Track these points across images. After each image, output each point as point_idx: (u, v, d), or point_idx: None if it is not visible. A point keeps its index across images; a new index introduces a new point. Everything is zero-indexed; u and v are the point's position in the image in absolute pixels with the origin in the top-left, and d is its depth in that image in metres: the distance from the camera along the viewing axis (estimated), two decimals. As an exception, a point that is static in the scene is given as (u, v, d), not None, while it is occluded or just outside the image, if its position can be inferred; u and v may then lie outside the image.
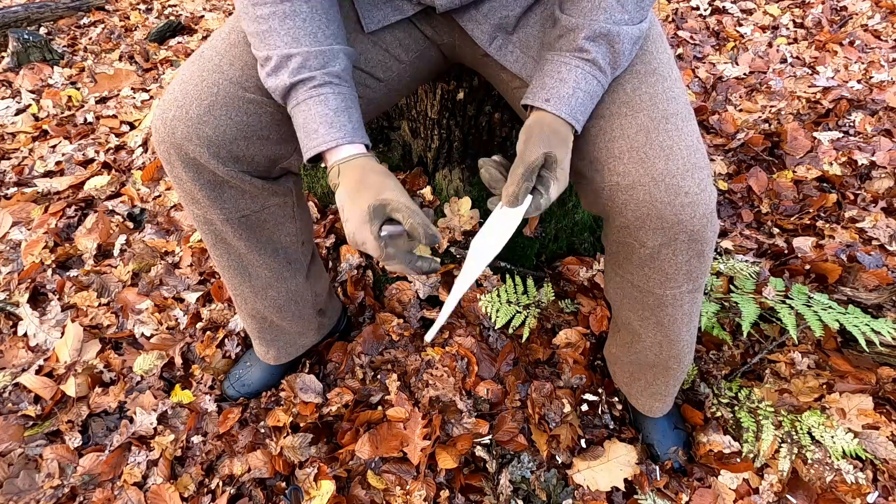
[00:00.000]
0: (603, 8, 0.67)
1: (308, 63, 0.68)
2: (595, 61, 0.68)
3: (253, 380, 1.19)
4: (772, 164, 1.72)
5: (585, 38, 0.68)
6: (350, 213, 0.65)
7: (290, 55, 0.68)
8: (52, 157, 1.91)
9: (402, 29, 0.82)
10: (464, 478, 1.04)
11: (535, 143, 0.66)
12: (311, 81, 0.68)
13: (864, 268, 1.28)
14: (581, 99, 0.69)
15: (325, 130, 0.68)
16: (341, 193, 0.67)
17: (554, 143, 0.67)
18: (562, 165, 0.66)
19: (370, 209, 0.64)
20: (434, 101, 1.10)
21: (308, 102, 0.68)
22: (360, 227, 0.64)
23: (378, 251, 0.64)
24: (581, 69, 0.68)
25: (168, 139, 0.76)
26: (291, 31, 0.68)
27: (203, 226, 0.87)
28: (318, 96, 0.68)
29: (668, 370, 0.96)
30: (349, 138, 0.68)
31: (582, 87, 0.68)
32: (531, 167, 0.64)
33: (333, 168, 0.69)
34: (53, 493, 1.06)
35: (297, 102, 0.69)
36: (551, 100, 0.69)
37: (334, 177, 0.69)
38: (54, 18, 2.87)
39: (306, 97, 0.68)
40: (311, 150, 0.69)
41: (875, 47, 2.31)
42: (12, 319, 1.37)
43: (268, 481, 1.08)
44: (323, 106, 0.68)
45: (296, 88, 0.69)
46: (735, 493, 1.01)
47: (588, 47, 0.68)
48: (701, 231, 0.72)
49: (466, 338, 1.22)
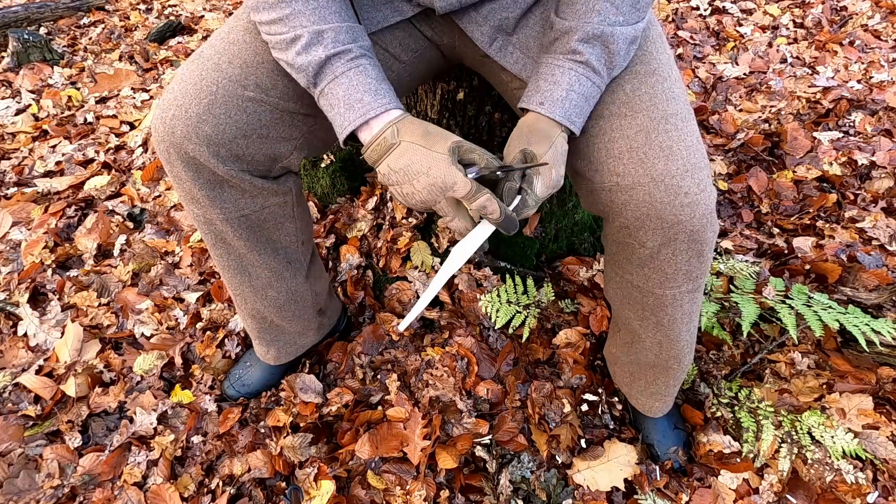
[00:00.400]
0: (597, 10, 0.67)
1: (340, 37, 0.68)
2: (589, 63, 0.68)
3: (253, 380, 1.19)
4: (772, 164, 1.72)
5: (578, 40, 0.68)
6: (430, 162, 0.64)
7: (322, 30, 0.67)
8: (52, 157, 1.91)
9: (402, 29, 0.82)
10: (464, 478, 1.04)
11: (514, 145, 0.68)
12: (348, 54, 0.68)
13: (864, 268, 1.28)
14: (575, 101, 0.69)
15: (371, 98, 0.67)
16: (406, 150, 0.65)
17: (533, 140, 0.67)
18: (542, 160, 0.66)
19: (451, 150, 0.64)
20: (434, 101, 1.10)
21: (348, 74, 0.68)
22: (448, 169, 0.63)
23: (469, 185, 0.63)
24: (575, 71, 0.69)
25: (168, 138, 0.76)
26: (317, 10, 0.68)
27: (203, 225, 0.87)
28: (358, 67, 0.68)
29: (668, 370, 0.96)
30: (395, 104, 0.68)
31: (576, 89, 0.69)
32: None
33: (388, 129, 0.66)
34: (53, 493, 1.06)
35: (336, 76, 0.68)
36: (545, 103, 0.69)
37: (391, 137, 0.66)
38: (54, 18, 2.87)
39: (345, 69, 0.68)
40: (354, 122, 0.67)
41: (875, 47, 2.31)
42: (12, 319, 1.37)
43: (268, 481, 1.08)
44: (364, 76, 0.68)
45: (331, 62, 0.68)
46: (735, 493, 1.01)
47: (581, 49, 0.68)
48: (701, 231, 0.72)
49: (466, 338, 1.22)
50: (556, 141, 0.68)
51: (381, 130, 0.67)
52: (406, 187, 0.66)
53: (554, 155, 0.67)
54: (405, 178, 0.66)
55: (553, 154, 0.67)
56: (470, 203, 0.64)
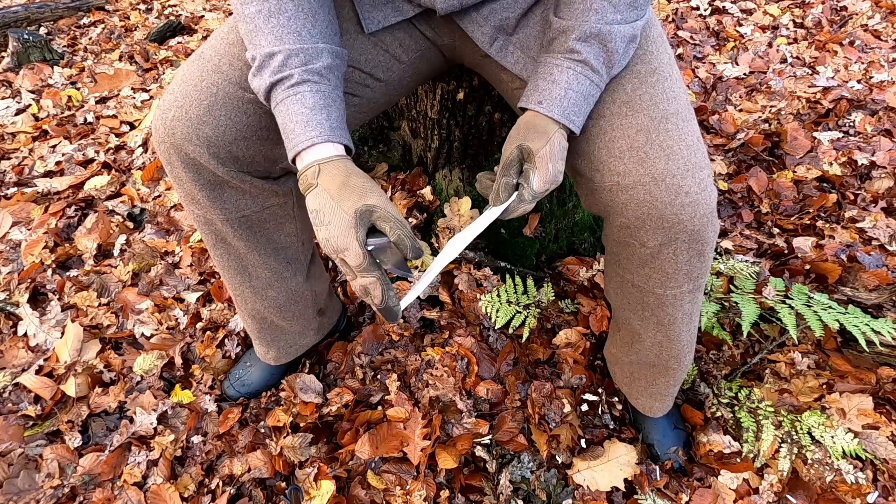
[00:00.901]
0: (594, 9, 0.67)
1: (289, 61, 0.66)
2: (587, 62, 0.68)
3: (253, 380, 1.19)
4: (772, 164, 1.72)
5: (576, 38, 0.68)
6: (332, 216, 0.61)
7: (273, 53, 0.66)
8: (52, 157, 1.91)
9: (403, 30, 0.82)
10: (464, 478, 1.04)
11: (510, 141, 0.68)
12: (288, 80, 0.66)
13: (864, 268, 1.28)
14: (574, 99, 0.68)
15: (301, 130, 0.65)
16: (319, 195, 0.63)
17: (529, 136, 0.67)
18: (540, 154, 0.66)
19: (357, 214, 0.60)
20: (434, 101, 1.10)
21: (286, 102, 0.66)
22: (344, 232, 0.60)
23: (360, 259, 0.60)
24: (573, 70, 0.68)
25: (168, 139, 0.76)
26: (275, 29, 0.66)
27: (203, 226, 0.87)
28: (295, 95, 0.66)
29: (668, 370, 0.96)
30: (325, 137, 0.65)
31: (574, 87, 0.68)
32: (505, 163, 0.66)
33: (311, 168, 0.64)
34: (53, 493, 1.06)
35: (276, 103, 0.67)
36: (543, 102, 0.69)
37: (311, 176, 0.64)
38: (54, 18, 2.87)
39: (284, 97, 0.66)
40: (290, 151, 0.66)
41: (875, 47, 2.31)
42: (12, 319, 1.37)
43: (268, 481, 1.08)
44: (299, 105, 0.65)
45: (275, 88, 0.67)
46: (735, 493, 1.01)
47: (579, 48, 0.68)
48: (701, 231, 0.72)
49: (466, 338, 1.22)
50: (554, 137, 0.67)
51: (305, 167, 0.65)
52: (316, 230, 0.64)
53: (551, 150, 0.67)
54: (314, 220, 0.63)
55: (550, 149, 0.67)
56: (357, 274, 0.61)
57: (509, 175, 0.67)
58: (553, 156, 0.67)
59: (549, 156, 0.66)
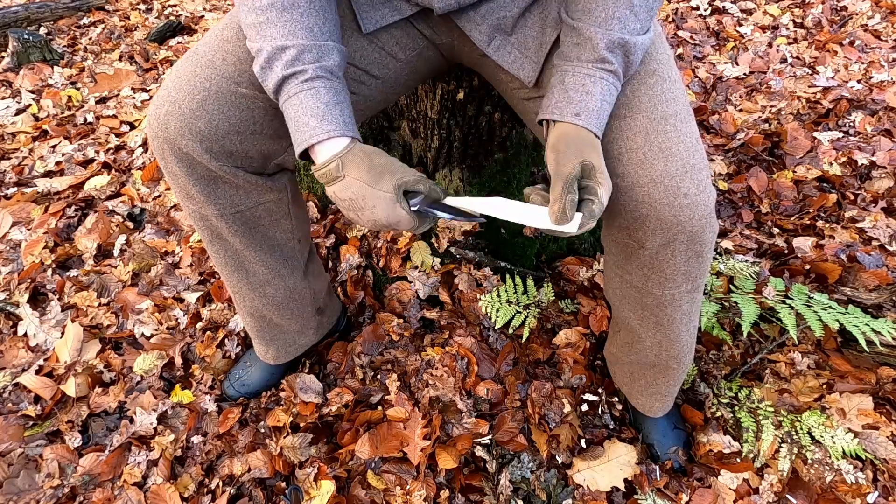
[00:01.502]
0: (617, 18, 0.67)
1: (302, 56, 0.68)
2: (616, 72, 0.69)
3: (253, 380, 1.19)
4: (772, 164, 1.72)
5: (606, 48, 0.67)
6: (376, 200, 0.67)
7: (285, 47, 0.67)
8: (52, 157, 1.91)
9: (400, 28, 0.82)
10: (464, 478, 1.04)
11: (568, 156, 0.64)
12: (303, 75, 0.68)
13: (864, 268, 1.28)
14: (606, 110, 0.69)
15: (317, 123, 0.68)
16: (351, 185, 0.68)
17: (587, 152, 0.65)
18: (600, 170, 0.64)
19: (395, 190, 0.66)
20: (434, 101, 1.10)
21: (299, 96, 0.68)
22: (393, 208, 0.67)
23: (412, 222, 0.68)
24: (605, 80, 0.68)
25: (161, 134, 0.76)
26: (288, 23, 0.68)
27: (199, 222, 0.87)
28: (310, 90, 0.68)
29: (668, 370, 0.96)
30: (341, 131, 0.68)
31: (608, 99, 0.69)
32: (568, 179, 0.62)
33: (333, 162, 0.68)
34: (53, 493, 1.06)
35: (289, 96, 0.69)
36: (581, 114, 0.68)
37: (335, 170, 0.68)
38: (54, 18, 2.87)
39: (297, 90, 0.68)
40: (301, 144, 0.69)
41: (875, 47, 2.31)
42: (12, 319, 1.38)
43: (268, 481, 1.08)
44: (315, 99, 0.68)
45: (287, 82, 0.68)
46: (735, 493, 1.01)
47: (610, 58, 0.68)
48: (700, 232, 0.72)
49: (466, 338, 1.22)
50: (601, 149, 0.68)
51: (326, 161, 0.68)
52: (352, 214, 0.70)
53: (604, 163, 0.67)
54: (351, 207, 0.70)
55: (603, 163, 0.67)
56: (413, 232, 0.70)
57: (573, 191, 0.62)
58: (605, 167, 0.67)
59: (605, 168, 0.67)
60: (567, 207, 0.61)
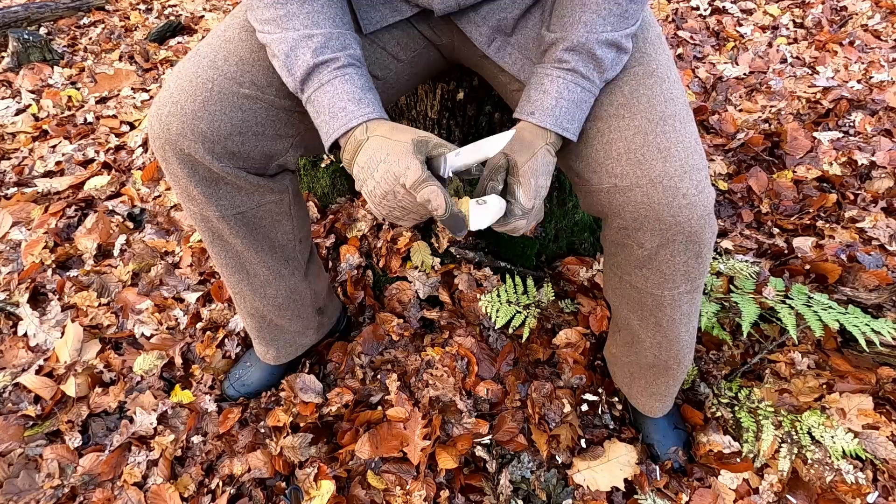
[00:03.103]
0: (583, 22, 0.68)
1: (330, 44, 0.68)
2: (576, 70, 0.69)
3: (253, 380, 1.19)
4: (772, 164, 1.72)
5: (564, 49, 0.69)
6: (391, 148, 0.63)
7: (312, 35, 0.68)
8: (52, 157, 1.91)
9: (401, 29, 0.82)
10: (464, 478, 1.04)
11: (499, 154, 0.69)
12: (335, 62, 0.68)
13: (864, 268, 1.28)
14: (566, 108, 0.69)
15: (355, 107, 0.67)
16: (372, 144, 0.65)
17: (516, 149, 0.68)
18: (522, 168, 0.67)
19: (414, 142, 0.64)
20: (434, 101, 1.10)
21: (333, 83, 0.68)
22: (405, 155, 0.62)
23: (420, 171, 0.61)
24: (563, 79, 0.69)
25: (163, 135, 0.76)
26: (311, 14, 0.68)
27: (200, 223, 0.87)
28: (344, 76, 0.68)
29: (668, 370, 0.96)
30: (378, 113, 0.68)
31: (565, 96, 0.69)
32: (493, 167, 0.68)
33: (360, 126, 0.67)
34: (53, 493, 1.06)
35: (322, 84, 0.68)
36: (536, 112, 0.70)
37: (360, 134, 0.66)
38: (54, 18, 2.87)
39: (331, 77, 0.68)
40: (339, 129, 0.67)
41: (875, 47, 2.31)
42: (12, 319, 1.38)
43: (268, 481, 1.08)
44: (350, 84, 0.68)
45: (318, 70, 0.68)
46: (735, 493, 1.01)
47: (567, 58, 0.69)
48: (699, 232, 0.72)
49: (466, 338, 1.22)
50: (539, 152, 0.69)
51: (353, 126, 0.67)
52: (370, 183, 0.65)
53: (534, 166, 0.67)
54: (368, 172, 0.65)
55: (533, 164, 0.67)
56: (417, 191, 0.62)
57: (495, 181, 0.68)
58: (536, 171, 0.68)
59: (532, 171, 0.67)
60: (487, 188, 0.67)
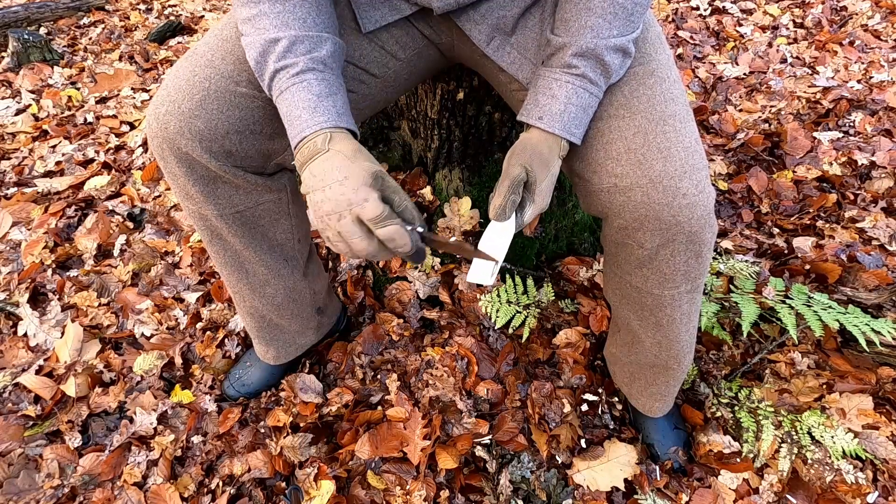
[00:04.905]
0: (590, 27, 0.68)
1: (294, 48, 0.67)
2: (585, 75, 0.69)
3: (253, 380, 1.19)
4: (772, 164, 1.72)
5: (573, 54, 0.69)
6: (349, 172, 0.60)
7: (277, 39, 0.67)
8: (52, 157, 1.91)
9: (400, 27, 0.82)
10: (464, 478, 1.04)
11: (516, 159, 0.68)
12: (293, 68, 0.66)
13: (864, 268, 1.28)
14: (574, 113, 0.70)
15: (309, 115, 0.65)
16: (332, 158, 0.62)
17: (535, 165, 0.68)
18: (539, 187, 0.67)
19: (373, 175, 0.61)
20: (434, 101, 1.10)
21: (291, 90, 0.66)
22: (363, 187, 0.60)
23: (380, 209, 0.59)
24: (572, 84, 0.69)
25: (161, 134, 0.76)
26: (281, 14, 0.67)
27: (198, 222, 0.87)
28: (301, 83, 0.66)
29: (668, 370, 0.96)
30: (333, 122, 0.65)
31: (574, 101, 0.69)
32: (515, 181, 0.65)
33: (321, 135, 0.64)
34: (53, 493, 1.06)
35: (281, 91, 0.67)
36: (544, 117, 0.70)
37: (321, 143, 0.63)
38: (54, 18, 2.87)
39: (289, 84, 0.67)
40: (294, 138, 0.66)
41: (875, 47, 2.31)
42: (12, 319, 1.38)
43: (268, 481, 1.08)
44: (306, 92, 0.66)
45: (278, 75, 0.67)
46: (735, 493, 1.01)
47: (576, 63, 0.69)
48: (699, 232, 0.72)
49: (466, 338, 1.22)
50: (553, 168, 0.70)
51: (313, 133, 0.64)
52: (319, 195, 0.62)
53: (549, 184, 0.70)
54: (321, 183, 0.62)
55: (549, 183, 0.69)
56: (377, 228, 0.60)
57: (517, 194, 0.66)
58: (549, 189, 0.70)
59: (548, 189, 0.69)
60: (507, 206, 0.65)
